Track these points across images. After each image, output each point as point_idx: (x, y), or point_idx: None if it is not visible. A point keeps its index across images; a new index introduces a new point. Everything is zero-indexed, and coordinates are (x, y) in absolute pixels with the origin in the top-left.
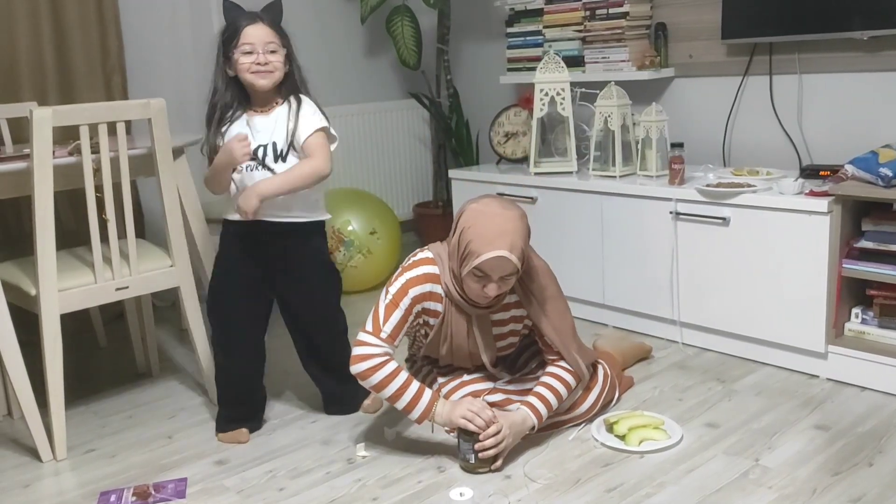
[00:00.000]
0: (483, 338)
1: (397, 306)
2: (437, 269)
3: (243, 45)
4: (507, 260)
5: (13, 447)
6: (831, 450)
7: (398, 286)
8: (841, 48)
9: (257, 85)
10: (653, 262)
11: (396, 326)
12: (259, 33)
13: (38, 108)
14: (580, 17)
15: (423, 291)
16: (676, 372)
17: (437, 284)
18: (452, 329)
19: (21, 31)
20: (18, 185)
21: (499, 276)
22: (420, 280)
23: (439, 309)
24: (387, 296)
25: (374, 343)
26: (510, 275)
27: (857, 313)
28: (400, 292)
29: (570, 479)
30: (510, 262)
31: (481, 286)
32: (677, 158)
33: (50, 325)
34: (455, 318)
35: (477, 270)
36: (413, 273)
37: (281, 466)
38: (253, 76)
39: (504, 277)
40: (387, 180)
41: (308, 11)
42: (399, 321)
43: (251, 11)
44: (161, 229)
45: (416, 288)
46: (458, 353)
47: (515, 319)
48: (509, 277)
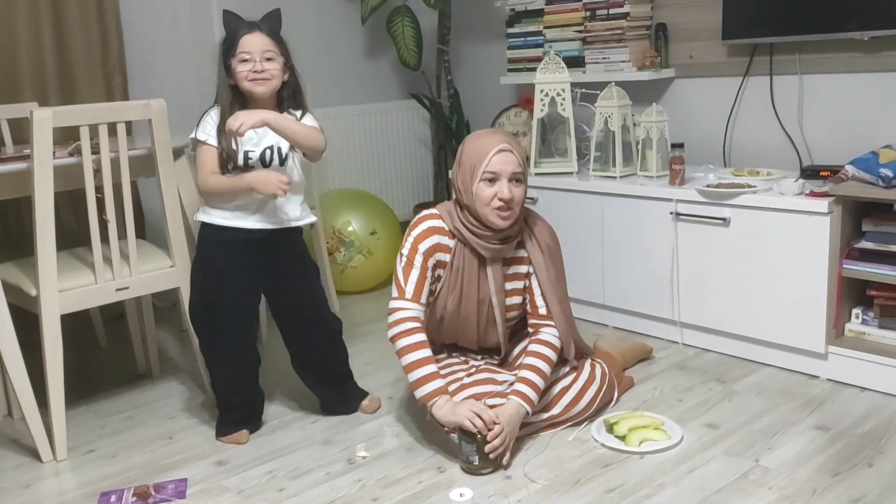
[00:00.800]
0: (495, 280)
1: (413, 265)
2: (442, 221)
3: (241, 54)
4: (509, 153)
5: (13, 447)
6: (831, 450)
7: (408, 246)
8: (841, 49)
9: (255, 92)
10: (653, 262)
11: (418, 284)
12: (256, 41)
13: (39, 108)
14: (580, 17)
15: (432, 244)
16: (677, 372)
17: (444, 236)
18: (463, 275)
19: (22, 32)
20: (19, 186)
21: (508, 175)
22: (426, 234)
23: (447, 259)
24: (401, 259)
25: (403, 307)
26: (518, 173)
27: (858, 314)
28: (411, 251)
29: (570, 479)
30: (514, 157)
31: (494, 193)
32: (678, 159)
33: (50, 325)
34: (467, 263)
35: (487, 174)
36: (418, 230)
37: (281, 467)
38: (251, 84)
39: (514, 176)
40: (387, 181)
41: (308, 12)
42: (419, 278)
43: (250, 21)
44: (161, 230)
45: (424, 242)
46: (466, 307)
47: (520, 277)
48: (519, 177)
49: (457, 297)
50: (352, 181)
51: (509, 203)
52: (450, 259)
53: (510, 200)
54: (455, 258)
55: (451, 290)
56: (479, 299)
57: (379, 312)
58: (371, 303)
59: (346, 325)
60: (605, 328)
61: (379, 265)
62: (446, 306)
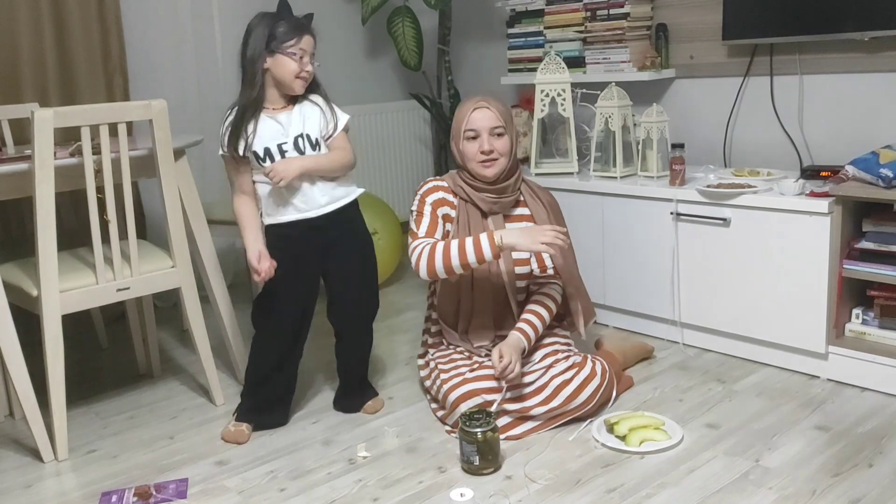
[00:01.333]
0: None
1: (423, 214)
2: (445, 182)
3: (299, 50)
4: (486, 109)
5: (15, 448)
6: (832, 450)
7: (417, 202)
8: (841, 49)
9: (296, 88)
10: (653, 262)
11: (430, 225)
12: (311, 42)
13: (40, 109)
14: (581, 17)
15: (438, 197)
16: (677, 372)
17: (448, 193)
18: (470, 228)
19: (23, 33)
20: (20, 187)
21: (487, 129)
22: (431, 190)
23: (452, 214)
24: (413, 214)
25: (418, 241)
26: (497, 128)
27: (858, 314)
28: (420, 204)
29: (570, 479)
30: (490, 112)
31: (477, 146)
32: (678, 159)
33: (51, 325)
34: (471, 218)
35: (469, 132)
36: (424, 189)
37: (282, 467)
38: (298, 81)
39: (493, 130)
40: (388, 181)
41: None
42: (430, 221)
43: (303, 19)
44: (162, 230)
45: (430, 196)
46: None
47: None
48: (498, 131)
49: None
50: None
51: (490, 154)
52: (455, 214)
53: (491, 151)
54: (459, 213)
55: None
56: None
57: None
58: None
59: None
60: (605, 328)
61: (380, 265)
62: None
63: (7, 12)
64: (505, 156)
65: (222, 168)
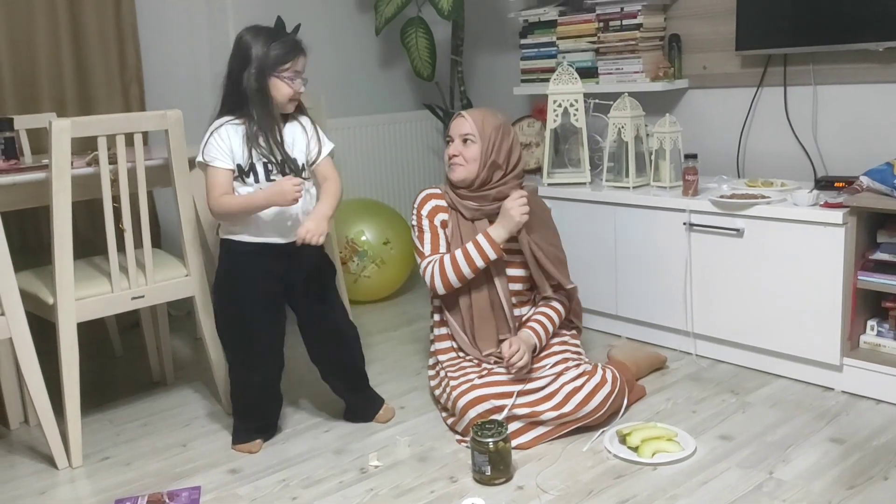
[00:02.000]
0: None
1: (423, 230)
2: (438, 190)
3: (294, 72)
4: (461, 118)
5: (29, 454)
6: (846, 463)
7: (415, 218)
8: (856, 59)
9: (286, 109)
10: (666, 273)
11: (433, 242)
12: (305, 62)
13: (57, 119)
14: (594, 28)
15: (431, 207)
16: (690, 384)
17: (441, 200)
18: (461, 237)
19: (41, 44)
20: (37, 196)
21: (459, 135)
22: (425, 200)
23: (447, 218)
24: (413, 231)
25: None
26: (467, 135)
27: (873, 325)
28: (418, 219)
29: (582, 490)
30: (463, 121)
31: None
32: (691, 169)
33: (67, 333)
34: (462, 225)
35: (448, 137)
36: (418, 200)
37: (294, 475)
38: (290, 103)
39: (464, 136)
40: (400, 190)
41: (323, 23)
42: (431, 235)
43: (297, 38)
44: (176, 239)
45: (425, 207)
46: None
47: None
48: (468, 139)
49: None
50: (365, 191)
51: (453, 157)
52: (448, 220)
53: (455, 155)
54: (451, 220)
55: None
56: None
57: (392, 322)
58: (384, 312)
59: (360, 334)
60: (618, 338)
61: (392, 275)
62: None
63: (25, 24)
64: (471, 163)
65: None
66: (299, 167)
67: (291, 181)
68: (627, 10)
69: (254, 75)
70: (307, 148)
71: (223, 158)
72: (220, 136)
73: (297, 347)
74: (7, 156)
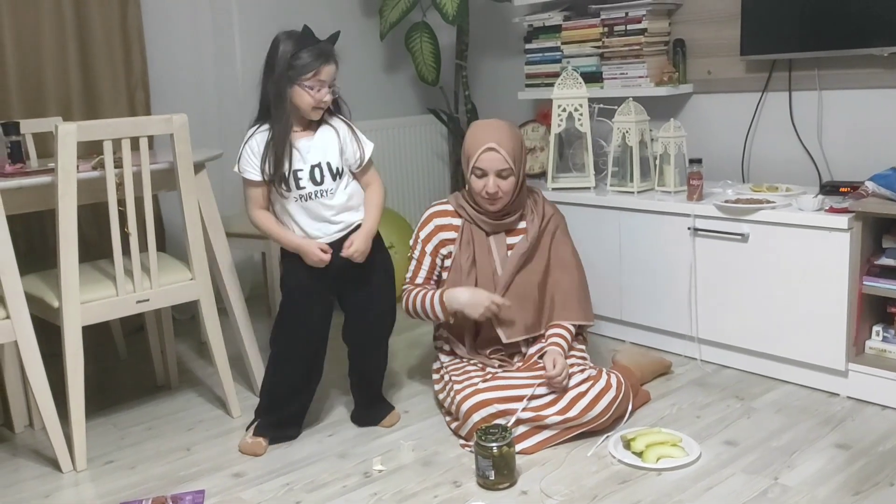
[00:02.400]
0: (498, 251)
1: (413, 258)
2: (448, 204)
3: (316, 82)
4: (495, 152)
5: (34, 458)
6: (852, 469)
7: (412, 240)
8: (861, 64)
9: (311, 116)
10: (671, 278)
11: (415, 270)
12: (332, 72)
13: (64, 123)
14: (598, 33)
15: (430, 230)
16: (695, 389)
17: (449, 216)
18: (474, 247)
19: (47, 48)
20: (43, 199)
21: (494, 171)
22: (426, 222)
23: (454, 236)
24: (410, 252)
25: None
26: (504, 170)
27: (878, 331)
28: (413, 244)
29: (586, 495)
30: (499, 155)
31: (482, 184)
32: (696, 174)
33: (72, 337)
34: (476, 236)
35: (476, 169)
36: (420, 221)
37: (298, 479)
38: (314, 111)
39: (500, 173)
40: (405, 195)
41: (327, 27)
42: (416, 267)
43: (326, 47)
44: (182, 243)
45: (423, 231)
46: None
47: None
48: (505, 174)
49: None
50: None
51: (494, 196)
52: (458, 236)
53: (495, 194)
54: (464, 233)
55: (467, 262)
56: (493, 269)
57: (397, 325)
58: None
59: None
60: (622, 343)
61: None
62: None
63: (32, 28)
64: (509, 194)
65: (240, 182)
66: (334, 171)
67: (321, 249)
68: (632, 15)
69: (275, 82)
70: (341, 153)
71: (253, 171)
72: (249, 148)
73: None
74: (13, 159)
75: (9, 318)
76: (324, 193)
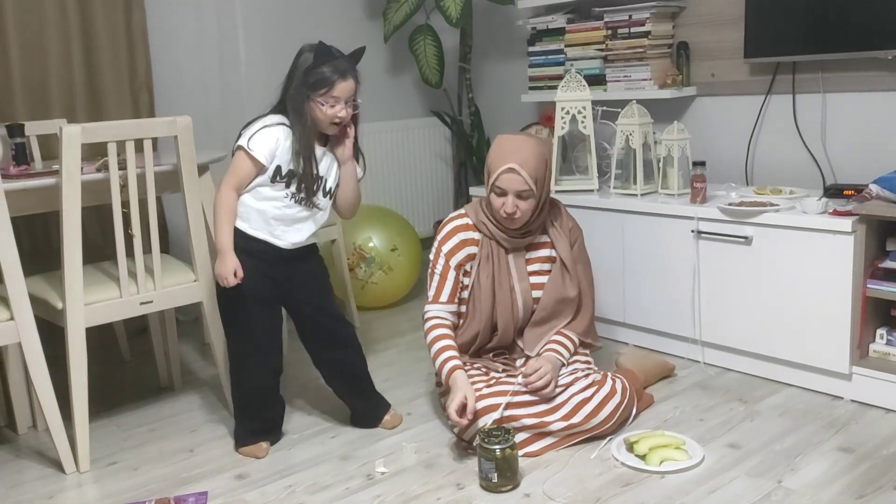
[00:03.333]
0: (517, 267)
1: (436, 273)
2: (467, 218)
3: (331, 98)
4: (516, 173)
5: (37, 459)
6: (855, 472)
7: (433, 254)
8: (865, 67)
9: (327, 130)
10: (674, 280)
11: (438, 287)
12: (348, 88)
13: (68, 125)
14: (602, 36)
15: (455, 243)
16: (698, 392)
17: (469, 231)
18: (493, 262)
19: (51, 50)
20: (47, 201)
21: (514, 192)
22: (449, 235)
23: (475, 251)
24: (430, 267)
25: (430, 310)
26: (524, 191)
27: (882, 334)
28: (435, 258)
29: (589, 497)
30: (519, 177)
31: (501, 202)
32: (699, 177)
33: (75, 338)
34: (494, 251)
35: (496, 187)
36: (442, 234)
37: (300, 481)
38: (330, 127)
39: (520, 194)
40: (408, 197)
41: (331, 30)
42: (440, 283)
43: (343, 62)
44: (185, 245)
45: (446, 245)
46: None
47: (543, 260)
48: (525, 195)
49: (490, 282)
50: (373, 197)
51: (511, 216)
52: (478, 251)
53: (512, 213)
54: (483, 248)
55: (486, 277)
56: (511, 286)
57: (399, 328)
58: (391, 319)
59: (367, 340)
60: (625, 346)
61: (399, 281)
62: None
63: (36, 30)
64: (527, 213)
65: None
66: (327, 190)
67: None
68: (636, 18)
69: (292, 96)
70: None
71: (264, 156)
72: (272, 134)
73: (302, 352)
74: (18, 161)
75: (13, 320)
76: (318, 207)
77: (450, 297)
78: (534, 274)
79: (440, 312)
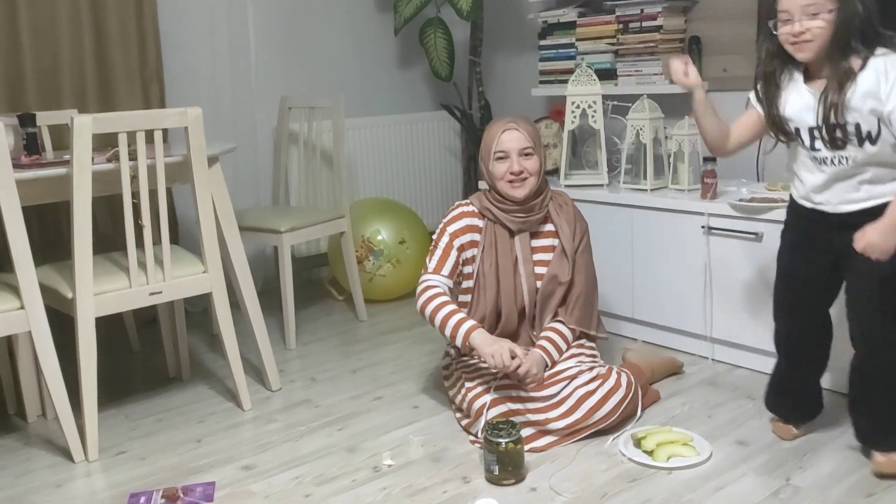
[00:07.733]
0: (522, 250)
1: (437, 247)
2: (471, 206)
3: (781, 14)
4: (515, 131)
5: (46, 447)
6: (864, 470)
7: (438, 233)
8: None
9: (798, 57)
10: (684, 276)
11: (441, 260)
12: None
13: (79, 115)
14: (613, 30)
15: (460, 226)
16: (706, 388)
17: (474, 217)
18: (497, 248)
19: (63, 41)
20: (58, 191)
21: (517, 151)
22: (456, 218)
23: (478, 238)
24: (433, 244)
25: (427, 278)
26: (526, 148)
27: None
28: (439, 236)
29: (596, 493)
30: (519, 133)
31: (507, 165)
32: (710, 173)
33: (85, 328)
34: (498, 237)
35: (498, 153)
36: (449, 216)
37: (307, 473)
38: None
39: (523, 152)
40: (417, 191)
41: (342, 23)
42: (442, 257)
43: None
44: (194, 236)
45: (452, 225)
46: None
47: (547, 249)
48: (528, 152)
49: (493, 269)
50: (382, 190)
51: (520, 174)
52: (481, 238)
53: (520, 172)
54: (486, 235)
55: (489, 265)
56: (515, 269)
57: (407, 321)
58: (399, 311)
59: (373, 333)
60: (633, 342)
61: (407, 274)
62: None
63: (48, 20)
64: (534, 175)
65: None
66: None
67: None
68: (647, 12)
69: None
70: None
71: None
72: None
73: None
74: (29, 151)
75: (23, 309)
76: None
77: (450, 273)
78: (538, 264)
79: (440, 281)
